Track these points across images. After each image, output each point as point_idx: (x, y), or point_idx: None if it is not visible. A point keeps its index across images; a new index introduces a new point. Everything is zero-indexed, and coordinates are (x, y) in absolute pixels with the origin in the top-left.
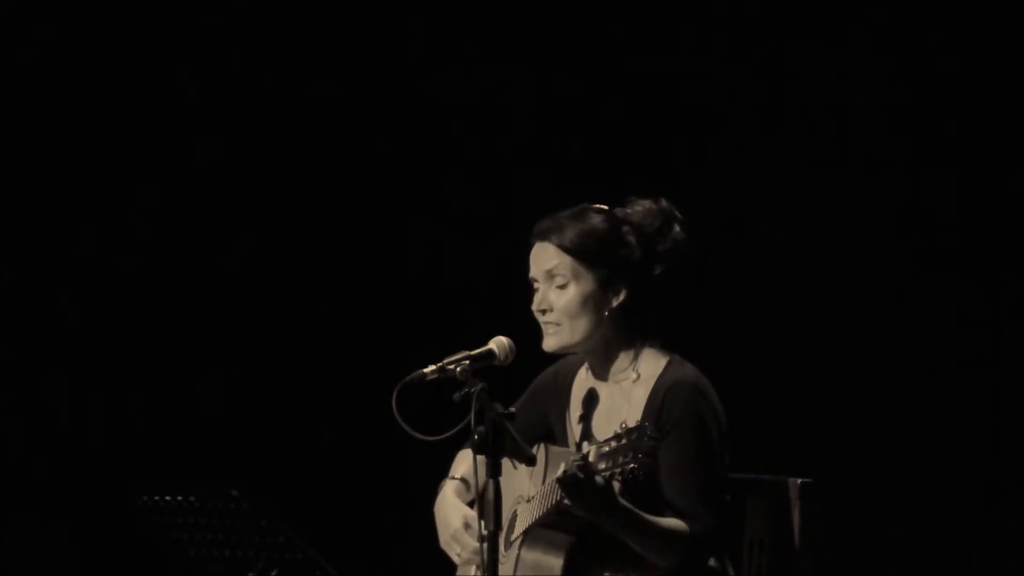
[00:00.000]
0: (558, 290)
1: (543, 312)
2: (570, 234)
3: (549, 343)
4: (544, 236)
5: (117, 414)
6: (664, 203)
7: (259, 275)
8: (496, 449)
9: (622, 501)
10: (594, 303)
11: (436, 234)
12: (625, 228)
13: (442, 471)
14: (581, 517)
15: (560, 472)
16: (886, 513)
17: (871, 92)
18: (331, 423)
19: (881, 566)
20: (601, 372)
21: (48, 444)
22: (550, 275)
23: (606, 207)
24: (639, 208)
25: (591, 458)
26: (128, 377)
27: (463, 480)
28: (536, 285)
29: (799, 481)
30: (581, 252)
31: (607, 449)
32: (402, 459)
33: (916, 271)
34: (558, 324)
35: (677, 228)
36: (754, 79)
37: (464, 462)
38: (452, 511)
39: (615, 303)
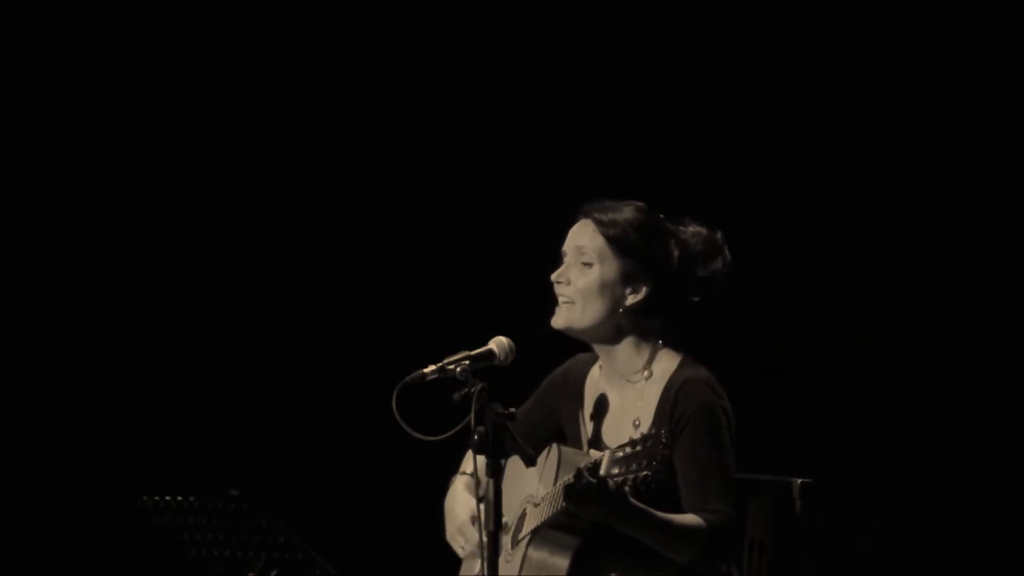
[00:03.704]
0: (582, 267)
1: (559, 284)
2: (613, 217)
3: (558, 319)
4: (587, 213)
5: (117, 414)
6: (719, 236)
7: (260, 275)
8: (496, 449)
9: (634, 502)
10: (611, 292)
11: (436, 234)
12: (671, 238)
13: (442, 471)
14: (590, 519)
15: (568, 480)
16: (886, 513)
17: (870, 90)
18: (331, 423)
19: (881, 566)
20: (613, 369)
21: (48, 444)
22: (580, 251)
23: (660, 214)
24: (692, 229)
25: (604, 464)
26: (128, 377)
27: (474, 475)
28: (565, 259)
29: (799, 481)
30: (616, 237)
31: (621, 455)
32: (402, 459)
33: (917, 272)
34: (571, 302)
35: (720, 263)
36: (750, 78)
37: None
38: (460, 505)
39: (632, 300)
